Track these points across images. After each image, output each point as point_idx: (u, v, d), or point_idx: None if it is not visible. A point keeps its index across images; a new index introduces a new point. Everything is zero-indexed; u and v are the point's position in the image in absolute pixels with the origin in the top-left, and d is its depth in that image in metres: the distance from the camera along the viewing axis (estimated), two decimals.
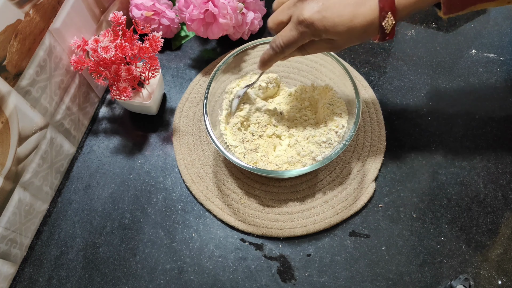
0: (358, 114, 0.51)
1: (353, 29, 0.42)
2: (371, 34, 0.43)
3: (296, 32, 0.44)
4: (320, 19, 0.42)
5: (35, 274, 0.53)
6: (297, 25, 0.44)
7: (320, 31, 0.43)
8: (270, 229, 0.54)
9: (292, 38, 0.45)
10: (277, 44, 0.47)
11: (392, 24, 0.42)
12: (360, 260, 0.53)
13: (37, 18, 0.49)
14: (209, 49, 0.72)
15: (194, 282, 0.52)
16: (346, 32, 0.42)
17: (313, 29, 0.43)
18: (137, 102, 0.60)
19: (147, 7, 0.66)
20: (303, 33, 0.44)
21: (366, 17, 0.41)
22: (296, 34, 0.44)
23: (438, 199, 0.56)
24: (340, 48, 0.46)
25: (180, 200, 0.58)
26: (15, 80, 0.47)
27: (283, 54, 0.48)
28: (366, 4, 0.41)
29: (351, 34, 0.42)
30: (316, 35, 0.44)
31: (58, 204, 0.58)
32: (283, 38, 0.46)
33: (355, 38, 0.44)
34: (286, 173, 0.50)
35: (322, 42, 0.45)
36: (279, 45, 0.47)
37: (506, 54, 0.68)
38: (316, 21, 0.42)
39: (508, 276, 0.51)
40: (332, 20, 0.41)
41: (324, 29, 0.42)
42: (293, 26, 0.44)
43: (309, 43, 0.46)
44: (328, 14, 0.42)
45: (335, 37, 0.43)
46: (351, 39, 0.44)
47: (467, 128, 0.62)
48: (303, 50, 0.48)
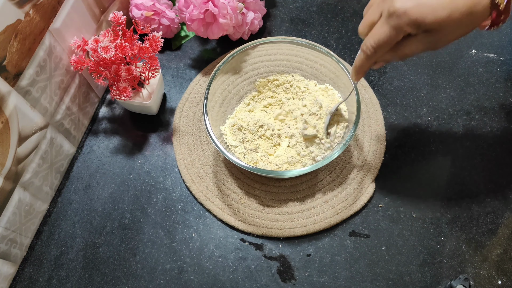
0: (358, 114, 0.51)
1: (456, 11, 0.35)
2: (478, 17, 0.36)
3: (388, 26, 0.38)
4: (415, 6, 0.36)
5: (35, 274, 0.53)
6: (388, 18, 0.38)
7: (417, 21, 0.36)
8: (270, 229, 0.54)
9: (384, 34, 0.39)
10: (367, 45, 0.41)
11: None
12: (360, 260, 0.53)
13: (37, 18, 0.49)
14: (209, 49, 0.72)
15: (194, 282, 0.52)
16: (447, 17, 0.36)
17: (407, 19, 0.37)
18: (137, 102, 0.60)
19: (147, 7, 0.66)
20: (395, 27, 0.38)
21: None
22: (387, 29, 0.38)
23: (438, 199, 0.56)
24: (442, 42, 0.39)
25: (180, 200, 0.58)
26: (15, 80, 0.47)
27: (375, 56, 0.42)
28: None
29: (454, 19, 0.36)
30: (411, 27, 0.37)
31: (58, 204, 0.58)
32: (373, 37, 0.40)
33: (459, 25, 0.37)
34: (286, 173, 0.50)
35: (420, 37, 0.39)
36: (369, 46, 0.41)
37: (506, 54, 0.68)
38: (410, 9, 0.36)
39: (508, 276, 0.51)
40: (429, 4, 0.36)
41: (420, 17, 0.36)
42: (383, 22, 0.39)
43: (405, 41, 0.40)
44: None
45: (435, 26, 0.37)
46: (454, 27, 0.37)
47: (467, 128, 0.62)
48: (399, 51, 0.41)
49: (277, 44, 0.59)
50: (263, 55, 0.62)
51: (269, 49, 0.60)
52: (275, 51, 0.61)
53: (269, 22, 0.75)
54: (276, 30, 0.74)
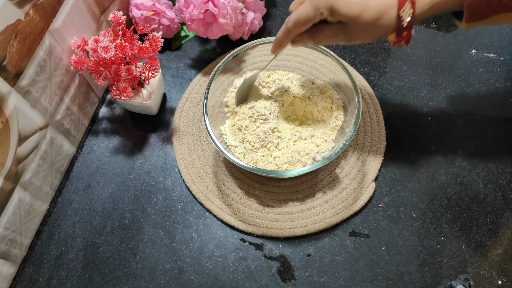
0: (358, 114, 0.51)
1: (366, 12, 0.41)
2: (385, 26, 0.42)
3: (309, 6, 0.44)
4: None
5: (35, 274, 0.53)
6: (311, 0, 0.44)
7: (333, 6, 0.42)
8: (270, 229, 0.54)
9: (305, 12, 0.45)
10: (290, 19, 0.46)
11: (410, 14, 0.40)
12: (360, 260, 0.53)
13: (37, 18, 0.49)
14: (209, 49, 0.72)
15: (194, 282, 0.52)
16: (358, 15, 0.41)
17: (325, 3, 0.42)
18: (137, 102, 0.60)
19: (147, 7, 0.66)
20: (315, 7, 0.43)
21: (382, 3, 0.41)
22: (309, 7, 0.44)
23: (438, 199, 0.56)
24: (352, 39, 0.45)
25: (180, 200, 0.58)
26: (15, 80, 0.47)
27: (295, 31, 0.47)
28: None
29: (363, 19, 0.41)
30: (327, 10, 0.43)
31: (58, 204, 0.58)
32: (296, 13, 0.46)
33: (367, 26, 0.42)
34: (286, 173, 0.50)
35: (334, 27, 0.45)
36: (292, 20, 0.46)
37: (506, 54, 0.68)
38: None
39: (508, 276, 0.51)
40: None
41: (336, 5, 0.42)
42: (307, 2, 0.45)
43: (321, 28, 0.46)
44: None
45: (347, 19, 0.42)
46: (363, 27, 0.43)
47: (467, 128, 0.62)
48: (315, 36, 0.47)
49: None
50: (263, 55, 0.62)
51: (269, 49, 0.60)
52: None
53: (269, 22, 0.75)
54: (276, 30, 0.74)
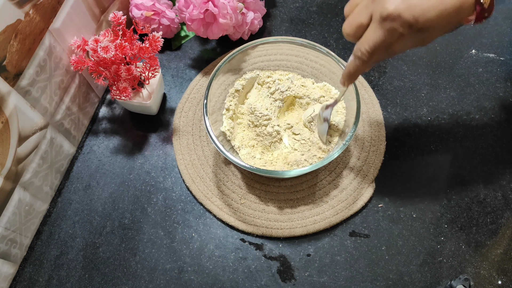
0: (358, 114, 0.51)
1: (445, 11, 0.37)
2: (465, 13, 0.38)
3: (383, 31, 0.39)
4: (407, 9, 0.37)
5: (35, 274, 0.53)
6: (381, 23, 0.39)
7: (410, 23, 0.37)
8: (270, 229, 0.54)
9: (379, 39, 0.39)
10: (362, 51, 0.41)
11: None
12: (360, 260, 0.53)
13: (37, 18, 0.49)
14: (209, 49, 0.72)
15: (194, 282, 0.52)
16: (437, 17, 0.37)
17: (401, 22, 0.38)
18: (137, 102, 0.60)
19: (147, 7, 0.66)
20: (390, 30, 0.38)
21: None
22: (382, 33, 0.39)
23: (438, 199, 0.56)
24: (431, 39, 0.40)
25: (180, 200, 0.58)
26: (15, 80, 0.47)
27: (371, 60, 0.42)
28: None
29: (443, 18, 0.37)
30: (406, 28, 0.38)
31: (58, 204, 0.58)
32: (368, 42, 0.40)
33: (448, 23, 0.38)
34: (286, 173, 0.50)
35: (411, 35, 0.39)
36: (365, 51, 0.41)
37: (506, 54, 0.68)
38: (403, 12, 0.37)
39: (508, 276, 0.51)
40: (420, 6, 0.37)
41: (413, 19, 0.37)
42: (377, 26, 0.39)
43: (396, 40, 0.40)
44: (414, 1, 0.37)
45: (426, 26, 0.38)
46: (444, 25, 0.39)
47: (467, 128, 0.62)
48: (390, 50, 0.41)
49: (277, 44, 0.59)
50: (263, 55, 0.62)
51: (269, 49, 0.60)
52: (275, 51, 0.61)
53: (269, 22, 0.75)
54: (276, 30, 0.74)
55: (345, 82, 0.47)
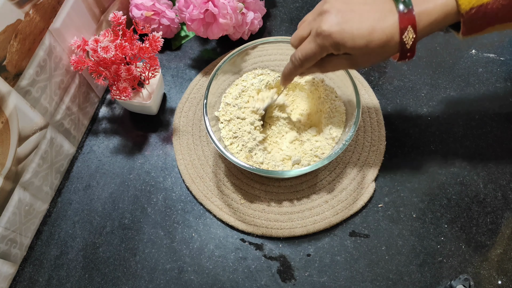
0: (358, 114, 0.51)
1: (372, 42, 0.41)
2: (391, 51, 0.42)
3: (314, 44, 0.44)
4: (339, 31, 0.41)
5: (35, 274, 0.53)
6: (315, 37, 0.43)
7: (338, 44, 0.42)
8: (270, 229, 0.54)
9: (310, 50, 0.44)
10: (296, 57, 0.47)
11: (412, 38, 0.41)
12: (360, 260, 0.53)
13: (37, 18, 0.49)
14: (209, 49, 0.72)
15: (194, 282, 0.52)
16: (364, 46, 0.41)
17: (331, 41, 0.42)
18: (137, 102, 0.60)
19: (147, 7, 0.66)
20: (321, 45, 0.43)
21: (386, 31, 0.41)
22: (314, 46, 0.44)
23: (438, 199, 0.56)
24: (358, 65, 0.45)
25: (180, 200, 0.58)
26: (15, 80, 0.47)
27: (302, 67, 0.47)
28: (386, 19, 0.41)
29: (369, 49, 0.42)
30: (334, 48, 0.43)
31: (58, 204, 0.58)
32: (301, 51, 0.46)
33: (374, 54, 0.43)
34: (286, 173, 0.50)
35: (340, 58, 0.44)
36: (297, 58, 0.46)
37: (506, 54, 0.68)
38: (334, 33, 0.42)
39: (508, 276, 0.51)
40: (350, 32, 0.41)
41: (342, 42, 0.42)
42: (311, 39, 0.44)
43: (327, 59, 0.46)
44: (347, 27, 0.41)
45: (353, 52, 0.42)
46: (369, 55, 0.43)
47: (467, 128, 0.62)
48: (322, 67, 0.47)
49: (277, 44, 0.59)
50: (263, 55, 0.62)
51: (269, 49, 0.60)
52: (275, 51, 0.61)
53: (269, 22, 0.75)
54: (276, 30, 0.74)
55: (281, 82, 0.52)
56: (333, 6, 0.43)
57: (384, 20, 0.41)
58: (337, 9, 0.42)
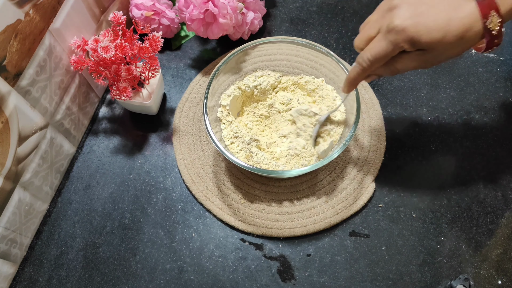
0: (358, 114, 0.51)
1: (449, 34, 0.38)
2: (470, 41, 0.39)
3: (386, 42, 0.40)
4: (413, 25, 0.38)
5: (35, 274, 0.53)
6: (386, 34, 0.40)
7: (413, 39, 0.39)
8: (270, 229, 0.54)
9: (381, 49, 0.41)
10: (364, 58, 0.43)
11: (498, 23, 0.37)
12: (360, 260, 0.53)
13: (37, 18, 0.49)
14: (209, 49, 0.72)
15: (194, 282, 0.52)
16: (441, 39, 0.38)
17: (405, 36, 0.39)
18: (137, 102, 0.60)
19: (147, 7, 0.66)
20: (393, 43, 0.40)
21: (464, 20, 0.38)
22: (385, 44, 0.40)
23: (438, 199, 0.56)
24: (434, 61, 0.41)
25: (180, 200, 0.58)
26: (15, 80, 0.47)
27: (370, 69, 0.43)
28: (463, 8, 0.38)
29: (446, 42, 0.38)
30: (409, 44, 0.39)
31: (58, 204, 0.58)
32: (371, 50, 0.42)
33: (451, 47, 0.39)
34: (286, 173, 0.50)
35: (414, 54, 0.41)
36: (366, 59, 0.42)
37: (506, 54, 0.68)
38: (409, 27, 0.38)
39: (508, 276, 0.51)
40: (425, 24, 0.38)
41: (417, 36, 0.38)
42: (382, 37, 0.41)
43: (398, 58, 0.42)
44: (421, 19, 0.38)
45: (429, 46, 0.39)
46: (447, 48, 0.39)
47: (467, 128, 0.62)
48: (391, 67, 0.43)
49: (277, 44, 0.59)
50: (263, 55, 0.62)
51: (269, 49, 0.60)
52: (275, 51, 0.61)
53: (269, 22, 0.75)
54: (276, 30, 0.74)
55: (346, 88, 0.49)
56: (403, 1, 0.40)
57: (460, 9, 0.38)
58: (408, 2, 0.39)
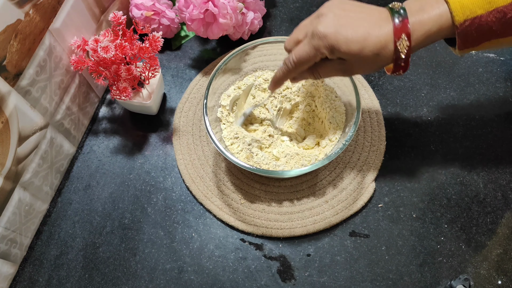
0: (358, 114, 0.51)
1: (366, 49, 0.41)
2: (384, 59, 0.43)
3: (309, 46, 0.44)
4: (334, 33, 0.42)
5: (35, 274, 0.53)
6: (310, 39, 0.44)
7: (333, 46, 0.42)
8: (270, 229, 0.54)
9: (305, 52, 0.44)
10: (290, 60, 0.46)
11: (406, 46, 0.41)
12: (360, 260, 0.53)
13: (37, 18, 0.49)
14: (209, 49, 0.72)
15: (194, 282, 0.52)
16: (358, 51, 0.42)
17: (326, 43, 0.42)
18: (137, 102, 0.60)
19: (147, 7, 0.66)
20: (316, 47, 0.43)
21: (380, 38, 0.41)
22: (308, 48, 0.44)
23: (438, 199, 0.56)
24: (352, 71, 0.45)
25: (180, 200, 0.58)
26: (15, 80, 0.47)
27: (295, 71, 0.47)
28: (381, 27, 0.42)
29: (363, 55, 0.42)
30: (328, 51, 0.43)
31: (58, 204, 0.58)
32: (295, 53, 0.46)
33: (367, 62, 0.43)
34: (286, 173, 0.50)
35: (334, 63, 0.45)
36: (291, 60, 0.46)
37: (506, 54, 0.68)
38: (329, 35, 0.42)
39: (508, 276, 0.51)
40: (345, 35, 0.41)
41: (336, 44, 0.42)
42: (307, 41, 0.44)
43: (321, 64, 0.46)
44: (342, 30, 0.42)
45: (347, 57, 0.43)
46: (362, 63, 0.43)
47: (467, 128, 0.62)
48: (315, 72, 0.47)
49: (277, 44, 0.59)
50: (263, 55, 0.62)
51: (269, 49, 0.60)
52: (275, 51, 0.61)
53: (269, 22, 0.75)
54: (276, 30, 0.74)
55: (271, 86, 0.52)
56: (331, 10, 0.43)
57: (379, 27, 0.42)
58: (334, 13, 0.43)
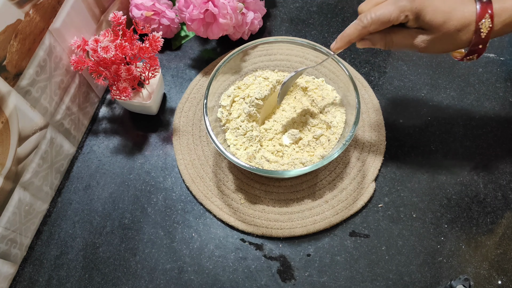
0: (358, 114, 0.51)
1: (449, 22, 0.42)
2: (464, 38, 0.43)
3: (394, 6, 0.42)
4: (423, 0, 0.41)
5: (35, 274, 0.53)
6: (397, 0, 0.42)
7: (420, 11, 0.42)
8: (270, 229, 0.54)
9: (388, 11, 0.42)
10: (367, 17, 0.44)
11: (488, 27, 0.42)
12: (360, 260, 0.53)
13: (37, 18, 0.49)
14: (209, 49, 0.72)
15: (194, 282, 0.52)
16: (442, 22, 0.42)
17: (414, 6, 0.41)
18: (137, 102, 0.60)
19: (147, 7, 0.66)
20: (401, 8, 0.42)
21: (465, 15, 0.42)
22: (392, 8, 0.42)
23: (438, 199, 0.56)
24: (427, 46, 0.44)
25: (180, 200, 0.58)
26: (15, 80, 0.47)
27: (369, 28, 0.44)
28: (467, 5, 0.42)
29: (445, 28, 0.42)
30: (413, 14, 0.42)
31: (58, 204, 0.58)
32: (376, 10, 0.43)
33: (447, 36, 0.43)
34: (286, 173, 0.50)
35: (412, 32, 0.44)
36: (369, 17, 0.43)
37: (506, 54, 0.68)
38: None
39: (508, 276, 0.51)
40: (434, 3, 0.42)
41: (424, 9, 0.41)
42: (392, 1, 0.43)
43: (397, 31, 0.44)
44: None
45: (429, 26, 0.42)
46: (442, 36, 0.43)
47: (467, 128, 0.62)
48: (388, 38, 0.45)
49: (277, 44, 0.59)
50: (263, 55, 0.62)
51: (269, 49, 0.60)
52: (275, 51, 0.61)
53: (269, 22, 0.75)
54: (276, 30, 0.74)
55: (337, 44, 0.48)
56: None
57: (464, 5, 0.42)
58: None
